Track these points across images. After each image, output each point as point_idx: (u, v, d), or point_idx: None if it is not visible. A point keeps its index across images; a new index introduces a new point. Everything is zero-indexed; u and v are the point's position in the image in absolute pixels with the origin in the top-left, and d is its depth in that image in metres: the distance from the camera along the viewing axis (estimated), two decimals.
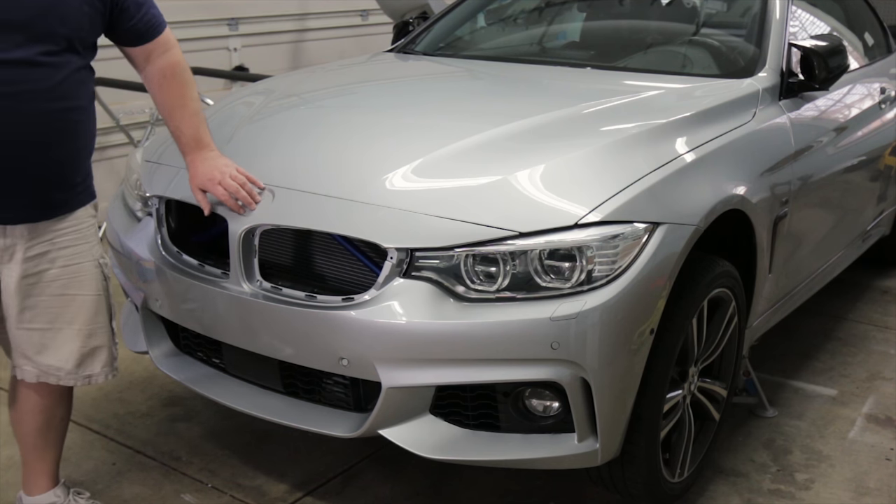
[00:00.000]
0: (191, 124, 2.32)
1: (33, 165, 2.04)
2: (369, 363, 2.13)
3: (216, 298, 2.33)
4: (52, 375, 2.25)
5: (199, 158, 2.33)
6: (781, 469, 2.83)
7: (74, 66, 2.07)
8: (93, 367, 2.30)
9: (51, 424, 2.38)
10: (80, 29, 2.06)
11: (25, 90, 1.97)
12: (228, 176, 2.28)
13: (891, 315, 4.05)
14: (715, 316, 2.53)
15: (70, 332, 2.24)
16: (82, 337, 2.26)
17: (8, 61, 1.94)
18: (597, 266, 2.08)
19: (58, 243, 2.17)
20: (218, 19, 5.78)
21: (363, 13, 6.87)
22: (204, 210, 2.32)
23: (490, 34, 3.97)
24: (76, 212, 2.20)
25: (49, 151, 2.06)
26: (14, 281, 2.13)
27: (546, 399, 2.18)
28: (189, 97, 2.33)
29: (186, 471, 2.78)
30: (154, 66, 2.28)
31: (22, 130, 1.99)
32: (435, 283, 2.11)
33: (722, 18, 3.53)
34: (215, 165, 2.31)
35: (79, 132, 2.12)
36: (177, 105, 2.31)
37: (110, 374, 2.35)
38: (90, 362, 2.29)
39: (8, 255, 2.11)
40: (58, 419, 2.40)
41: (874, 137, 3.59)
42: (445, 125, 2.65)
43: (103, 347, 2.31)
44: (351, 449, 2.82)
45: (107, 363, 2.33)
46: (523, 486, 2.70)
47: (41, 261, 2.15)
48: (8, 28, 1.93)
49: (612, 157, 2.36)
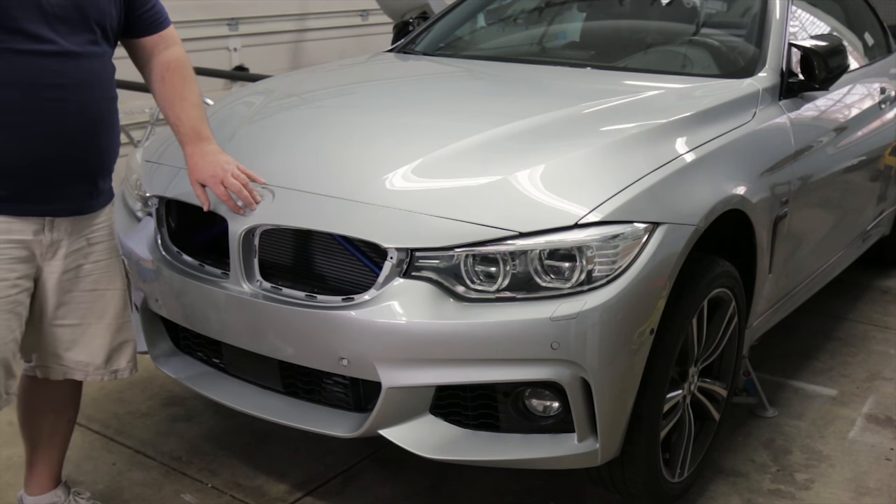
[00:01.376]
0: (191, 115, 2.29)
1: (83, 156, 2.07)
2: (369, 363, 2.13)
3: (216, 298, 2.33)
4: (79, 371, 2.26)
5: (198, 152, 2.30)
6: (781, 469, 2.83)
7: (109, 56, 2.13)
8: (119, 361, 2.31)
9: (59, 425, 2.39)
10: (110, 16, 2.09)
11: (78, 81, 2.00)
12: (230, 174, 2.26)
13: (891, 315, 4.05)
14: (715, 316, 2.53)
15: (100, 326, 2.25)
16: (112, 331, 2.27)
17: (60, 52, 1.97)
18: (597, 266, 2.08)
19: (92, 238, 2.19)
20: (218, 19, 5.78)
21: (363, 13, 6.87)
22: (203, 206, 2.31)
23: (490, 34, 3.97)
24: (107, 206, 2.24)
25: (96, 140, 2.09)
26: (56, 277, 2.14)
27: (546, 399, 2.18)
28: (190, 90, 2.31)
29: (186, 471, 2.78)
30: (158, 60, 2.27)
31: (74, 120, 2.01)
32: (435, 283, 2.11)
33: (722, 18, 3.53)
34: (217, 161, 2.28)
35: (116, 121, 2.17)
36: (177, 97, 2.29)
37: (134, 369, 2.37)
38: (117, 357, 2.30)
39: (52, 252, 2.11)
40: (66, 420, 2.41)
41: (874, 137, 3.59)
42: (445, 125, 2.65)
43: (130, 342, 2.33)
44: (351, 449, 2.82)
45: (131, 358, 2.35)
46: (523, 486, 2.70)
47: (78, 256, 2.17)
48: (56, 20, 1.96)
49: (612, 157, 2.36)
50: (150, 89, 2.34)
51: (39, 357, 2.25)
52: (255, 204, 2.27)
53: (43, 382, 2.30)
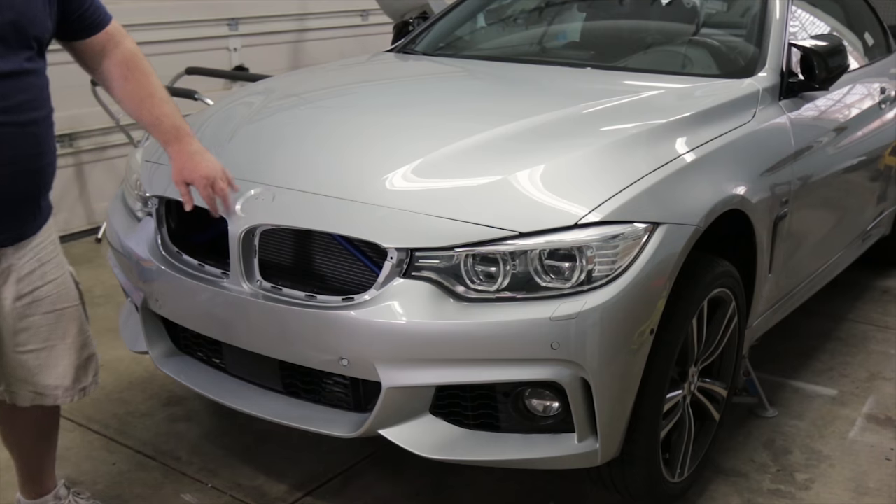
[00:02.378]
0: (167, 112, 2.20)
1: (27, 178, 1.97)
2: (369, 363, 2.13)
3: (216, 298, 2.33)
4: (48, 396, 2.19)
5: (184, 151, 2.22)
6: (781, 469, 2.83)
7: (44, 69, 1.99)
8: (86, 377, 2.25)
9: (43, 432, 2.36)
10: (47, 29, 1.97)
11: (21, 101, 1.90)
12: (220, 179, 2.22)
13: (891, 315, 4.05)
14: (715, 316, 2.53)
15: (64, 346, 2.18)
16: (77, 349, 2.20)
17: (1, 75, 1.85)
18: (597, 266, 2.08)
19: (41, 258, 2.10)
20: (218, 19, 5.78)
21: (363, 13, 6.87)
22: (186, 205, 2.25)
23: (490, 34, 3.97)
24: (48, 222, 2.14)
25: (41, 161, 1.99)
26: (9, 303, 2.06)
27: (546, 399, 2.18)
28: (156, 85, 2.21)
29: (186, 471, 2.78)
30: (112, 60, 2.15)
31: (21, 143, 1.92)
32: (435, 283, 2.11)
33: (722, 18, 3.53)
34: (206, 162, 2.22)
35: (53, 138, 2.05)
36: (146, 95, 2.17)
37: (98, 380, 2.31)
38: (83, 374, 2.24)
39: (3, 279, 2.04)
40: (49, 426, 2.37)
41: (874, 137, 3.59)
42: (445, 125, 2.65)
43: (94, 355, 2.27)
44: (351, 449, 2.82)
45: (96, 370, 2.29)
46: (523, 486, 2.70)
47: (33, 278, 2.08)
48: None
49: (612, 157, 2.36)
50: (109, 89, 2.21)
51: (7, 384, 2.16)
52: (235, 212, 2.23)
53: (15, 406, 2.22)
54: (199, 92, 4.47)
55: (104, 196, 5.01)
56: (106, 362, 3.44)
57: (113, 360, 3.42)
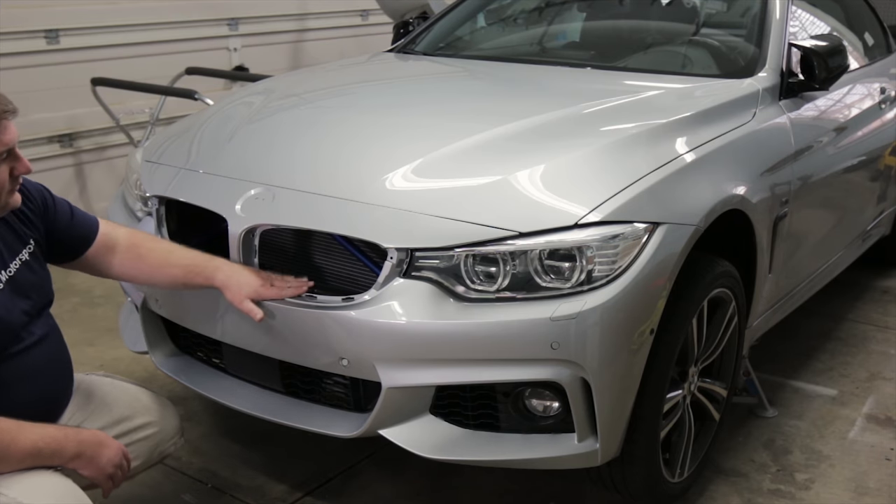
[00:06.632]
0: (192, 256, 2.23)
1: (66, 397, 2.08)
2: (369, 363, 2.13)
3: (216, 298, 2.33)
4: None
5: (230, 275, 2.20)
6: (781, 469, 2.83)
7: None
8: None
9: None
10: (51, 283, 2.07)
11: (54, 347, 2.04)
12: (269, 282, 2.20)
13: (891, 315, 4.05)
14: (715, 316, 2.53)
15: None
16: None
17: (41, 339, 1.98)
18: (597, 266, 2.08)
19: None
20: (218, 19, 5.78)
21: (363, 13, 6.87)
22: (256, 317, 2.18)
23: (490, 34, 3.97)
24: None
25: (70, 383, 2.10)
26: None
27: (546, 399, 2.18)
28: (164, 244, 2.28)
29: (186, 471, 2.78)
30: (119, 253, 2.21)
31: (59, 377, 2.04)
32: (435, 283, 2.11)
33: (722, 18, 3.53)
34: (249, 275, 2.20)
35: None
36: (165, 255, 2.24)
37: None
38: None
39: None
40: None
41: (874, 137, 3.60)
42: (445, 125, 2.65)
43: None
44: (351, 449, 2.82)
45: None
46: (523, 486, 2.70)
47: None
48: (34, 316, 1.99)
49: (612, 157, 2.36)
50: (129, 277, 2.27)
51: None
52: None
53: None
54: (199, 92, 4.47)
55: (104, 196, 5.01)
56: (106, 362, 3.45)
57: (113, 360, 3.42)
